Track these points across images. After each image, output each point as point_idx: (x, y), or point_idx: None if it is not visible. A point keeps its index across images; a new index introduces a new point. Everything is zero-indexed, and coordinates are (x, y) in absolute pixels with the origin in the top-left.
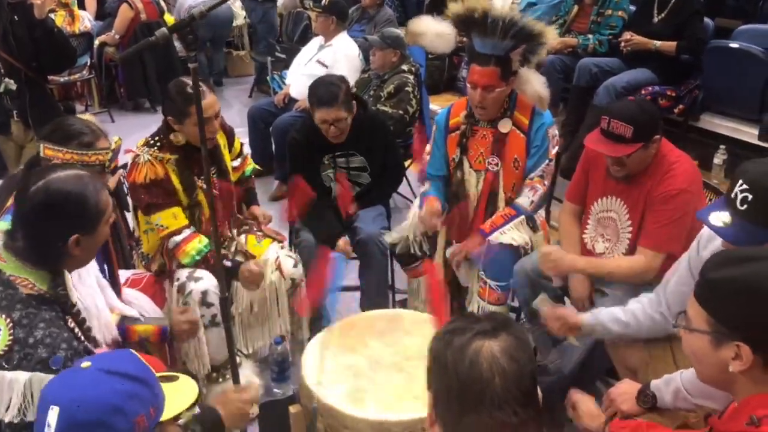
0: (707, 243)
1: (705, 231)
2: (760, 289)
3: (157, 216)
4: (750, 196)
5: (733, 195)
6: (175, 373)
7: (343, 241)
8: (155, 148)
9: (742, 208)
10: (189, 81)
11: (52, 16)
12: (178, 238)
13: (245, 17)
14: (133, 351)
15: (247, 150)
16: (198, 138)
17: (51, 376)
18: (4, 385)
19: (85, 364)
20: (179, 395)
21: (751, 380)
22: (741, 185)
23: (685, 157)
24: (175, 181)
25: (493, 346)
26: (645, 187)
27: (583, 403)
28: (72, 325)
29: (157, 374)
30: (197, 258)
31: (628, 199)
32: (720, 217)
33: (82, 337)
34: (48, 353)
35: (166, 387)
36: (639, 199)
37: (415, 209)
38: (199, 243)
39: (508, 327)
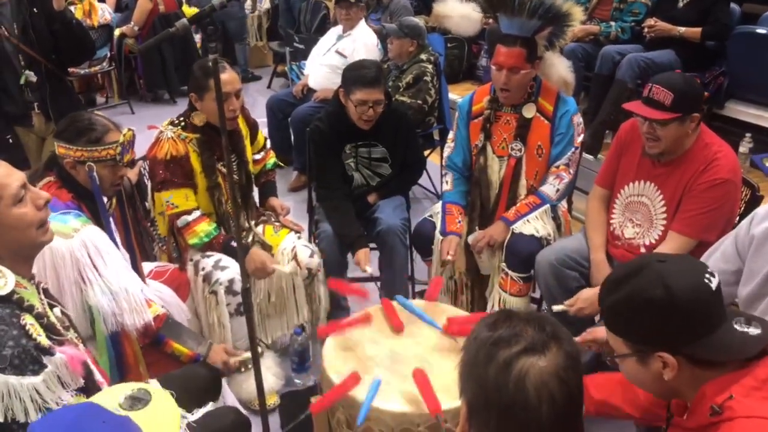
0: (761, 221)
1: (761, 209)
2: (640, 303)
3: (168, 193)
4: None
5: None
6: (146, 390)
7: (363, 253)
8: (179, 127)
9: None
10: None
11: (72, 8)
12: (188, 218)
13: (258, 9)
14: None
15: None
16: (217, 115)
17: None
18: None
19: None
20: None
21: (690, 379)
22: None
23: (728, 147)
24: (195, 161)
25: (543, 367)
26: (686, 174)
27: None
28: (24, 322)
29: (128, 392)
30: (205, 240)
31: (665, 185)
32: None
33: (35, 335)
34: None
35: (143, 416)
36: (678, 186)
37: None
38: (209, 225)
39: (558, 337)
